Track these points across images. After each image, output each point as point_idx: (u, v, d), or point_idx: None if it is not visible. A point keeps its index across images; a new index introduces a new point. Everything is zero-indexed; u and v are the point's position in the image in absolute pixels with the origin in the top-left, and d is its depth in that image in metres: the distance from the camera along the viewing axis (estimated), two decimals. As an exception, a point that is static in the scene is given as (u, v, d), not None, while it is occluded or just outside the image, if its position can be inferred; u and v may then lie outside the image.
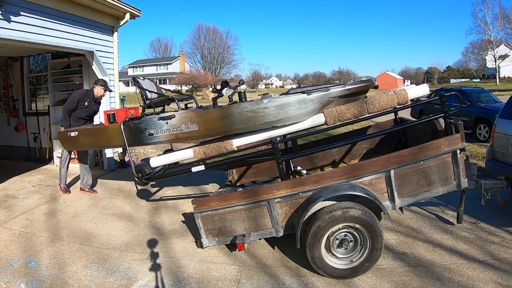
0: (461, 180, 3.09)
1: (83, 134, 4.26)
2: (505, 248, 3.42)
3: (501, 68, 46.91)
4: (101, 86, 5.11)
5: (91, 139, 4.24)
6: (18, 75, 7.62)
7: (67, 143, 4.47)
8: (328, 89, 3.29)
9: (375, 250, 2.90)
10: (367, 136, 4.07)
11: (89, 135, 4.26)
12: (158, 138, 3.61)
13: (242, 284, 2.96)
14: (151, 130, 3.60)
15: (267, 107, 3.28)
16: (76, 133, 4.25)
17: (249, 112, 3.31)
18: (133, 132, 3.71)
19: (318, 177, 3.09)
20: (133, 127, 3.70)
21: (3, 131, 7.88)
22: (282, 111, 3.28)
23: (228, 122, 3.38)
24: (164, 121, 3.54)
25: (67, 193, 5.21)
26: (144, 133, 3.64)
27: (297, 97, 3.27)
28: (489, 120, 8.87)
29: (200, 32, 63.02)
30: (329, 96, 3.28)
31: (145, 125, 3.62)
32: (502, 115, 4.60)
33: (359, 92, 3.36)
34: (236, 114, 3.34)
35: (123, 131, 3.74)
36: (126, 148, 3.84)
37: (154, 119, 3.59)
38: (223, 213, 3.20)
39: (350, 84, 3.35)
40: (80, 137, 4.24)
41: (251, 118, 3.32)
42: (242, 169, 4.48)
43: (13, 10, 4.55)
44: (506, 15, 44.31)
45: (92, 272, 3.12)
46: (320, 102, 3.29)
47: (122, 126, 3.74)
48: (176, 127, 3.51)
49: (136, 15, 6.88)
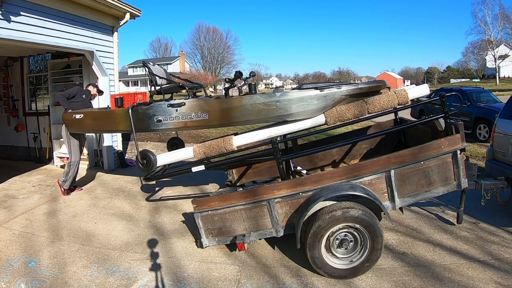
0: (461, 180, 3.09)
1: (88, 116, 4.19)
2: (505, 248, 3.42)
3: (501, 68, 46.89)
4: (93, 86, 5.46)
5: (97, 122, 4.15)
6: (18, 75, 7.62)
7: (71, 125, 4.43)
8: (341, 87, 3.27)
9: (375, 250, 2.90)
10: (367, 136, 4.07)
11: (95, 118, 4.17)
12: (167, 125, 3.55)
13: (242, 284, 2.96)
14: (160, 117, 3.53)
15: (279, 101, 3.25)
16: (82, 116, 4.19)
17: (261, 104, 3.28)
18: (140, 117, 3.64)
19: (318, 177, 3.09)
20: (141, 113, 3.63)
21: (3, 131, 7.89)
22: (294, 106, 3.26)
23: (239, 113, 3.34)
24: (174, 108, 3.48)
25: (67, 195, 5.19)
26: (152, 119, 3.56)
27: (309, 93, 3.25)
28: (489, 120, 8.88)
29: (200, 32, 63.01)
30: (341, 94, 3.26)
31: (153, 111, 3.55)
32: (502, 115, 4.60)
33: (371, 92, 3.34)
34: (247, 106, 3.30)
35: (131, 115, 3.64)
36: (133, 133, 3.72)
37: (163, 106, 3.52)
38: (223, 213, 3.20)
39: (363, 83, 3.35)
40: (85, 120, 4.18)
41: (263, 111, 3.29)
42: (242, 169, 4.48)
43: (13, 10, 4.55)
44: (506, 15, 44.29)
45: (92, 272, 3.12)
46: (332, 99, 3.27)
47: (130, 111, 3.65)
48: (186, 115, 3.46)
49: (136, 15, 6.88)
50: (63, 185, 5.18)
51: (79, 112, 4.30)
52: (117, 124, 3.90)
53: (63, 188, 5.18)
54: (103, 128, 4.31)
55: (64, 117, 4.56)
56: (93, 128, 4.41)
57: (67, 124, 4.61)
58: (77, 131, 4.72)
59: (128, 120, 3.67)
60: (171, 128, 3.58)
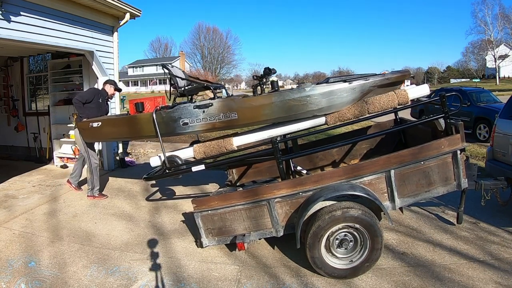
0: (461, 180, 3.09)
1: (107, 124, 4.00)
2: (505, 248, 3.42)
3: (501, 68, 46.85)
4: (111, 85, 5.11)
5: (117, 129, 3.94)
6: (18, 75, 7.62)
7: (88, 135, 4.26)
8: (368, 79, 3.26)
9: (375, 250, 2.90)
10: (367, 136, 4.07)
11: (115, 125, 3.98)
12: (194, 128, 3.44)
13: (242, 284, 2.96)
14: (186, 119, 3.42)
15: (310, 96, 3.22)
16: (99, 123, 3.99)
17: (291, 100, 3.24)
18: (165, 121, 3.51)
19: (318, 177, 3.09)
20: (165, 117, 3.50)
21: (3, 131, 7.89)
22: (324, 100, 3.23)
23: (269, 111, 3.29)
24: (201, 109, 3.37)
25: (104, 198, 4.96)
26: (177, 123, 3.45)
27: (339, 86, 3.23)
28: (489, 120, 8.87)
29: (200, 32, 63.08)
30: (369, 85, 3.25)
31: (179, 114, 3.44)
32: (502, 115, 4.60)
33: (396, 82, 3.34)
34: (277, 103, 3.26)
35: (155, 120, 3.51)
36: (159, 138, 3.56)
37: (189, 108, 3.41)
38: (223, 212, 3.20)
39: (390, 73, 3.33)
40: (104, 128, 3.98)
41: (293, 107, 3.25)
42: (242, 168, 4.48)
43: (13, 10, 4.55)
44: (506, 15, 44.27)
45: (92, 272, 3.12)
46: (361, 91, 3.25)
47: (154, 115, 3.51)
48: (214, 115, 3.35)
49: (136, 15, 6.88)
50: (94, 194, 4.98)
51: (96, 120, 4.07)
52: (140, 130, 3.73)
53: (95, 196, 4.97)
54: (124, 135, 4.06)
55: (79, 126, 4.38)
56: (113, 137, 4.18)
57: (83, 134, 4.42)
58: (95, 140, 4.42)
59: (152, 124, 3.54)
60: (199, 130, 3.47)
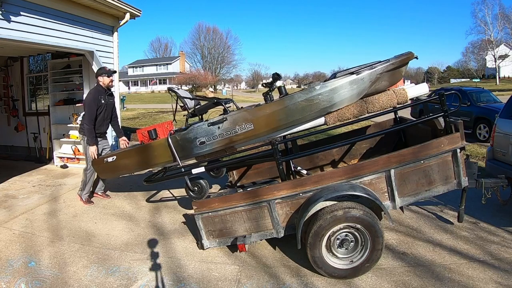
0: (461, 179, 3.09)
1: (122, 157, 3.90)
2: (505, 248, 3.42)
3: (501, 68, 46.87)
4: (102, 75, 4.64)
5: (133, 161, 3.82)
6: (18, 75, 7.62)
7: (104, 171, 4.13)
8: (373, 67, 3.25)
9: (376, 250, 2.90)
10: (367, 136, 4.07)
11: (130, 157, 3.86)
12: (211, 146, 3.41)
13: (242, 284, 2.96)
14: (202, 138, 3.40)
15: (321, 93, 3.22)
16: (114, 158, 3.90)
17: (303, 101, 3.24)
18: (181, 144, 3.48)
19: (318, 178, 3.08)
20: (180, 139, 3.47)
21: (3, 131, 7.88)
22: (336, 95, 3.23)
23: (284, 115, 3.28)
24: (215, 126, 3.36)
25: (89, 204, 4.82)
26: (194, 143, 3.43)
27: (348, 79, 3.23)
28: (489, 120, 8.88)
29: (200, 32, 63.17)
30: (377, 73, 3.24)
31: (194, 134, 3.42)
32: (502, 115, 4.61)
33: (402, 65, 3.34)
34: (290, 106, 3.26)
35: (171, 143, 3.48)
36: (178, 161, 3.53)
37: (203, 126, 3.39)
38: (224, 214, 3.20)
39: (394, 57, 3.33)
40: (120, 161, 3.89)
41: (306, 107, 3.25)
42: (242, 170, 4.47)
43: (13, 10, 4.55)
44: (506, 15, 44.28)
45: (92, 272, 3.12)
46: (369, 80, 3.24)
47: (169, 139, 3.49)
48: (230, 129, 3.33)
49: (136, 15, 6.89)
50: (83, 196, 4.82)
51: (110, 155, 3.98)
52: (158, 157, 3.66)
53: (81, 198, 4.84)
54: (141, 166, 3.89)
55: (94, 165, 4.30)
56: (130, 168, 3.96)
57: (98, 171, 4.27)
58: (112, 175, 4.29)
59: (168, 149, 3.51)
60: (217, 147, 3.43)
